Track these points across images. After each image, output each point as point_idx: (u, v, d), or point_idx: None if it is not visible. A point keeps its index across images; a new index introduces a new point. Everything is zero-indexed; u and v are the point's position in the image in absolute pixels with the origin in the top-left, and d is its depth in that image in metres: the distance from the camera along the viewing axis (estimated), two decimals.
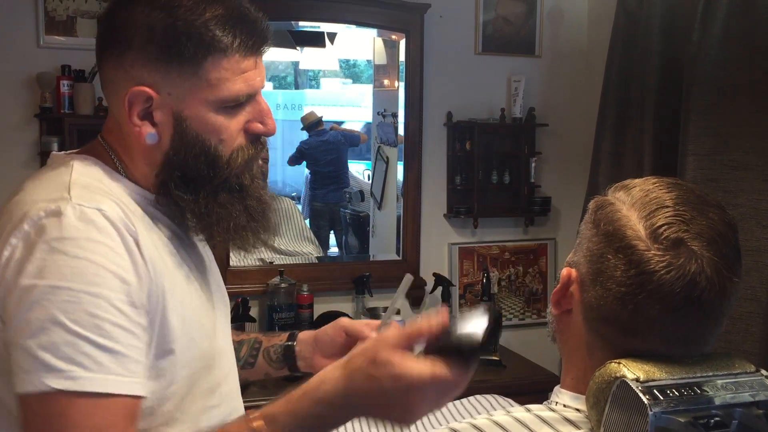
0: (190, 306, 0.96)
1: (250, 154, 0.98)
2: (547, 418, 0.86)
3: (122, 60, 0.92)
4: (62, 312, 0.80)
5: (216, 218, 0.96)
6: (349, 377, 0.82)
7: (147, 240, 0.90)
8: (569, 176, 3.10)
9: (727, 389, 0.79)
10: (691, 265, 0.77)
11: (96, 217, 0.85)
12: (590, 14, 3.12)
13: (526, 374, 2.64)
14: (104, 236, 0.84)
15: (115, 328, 0.82)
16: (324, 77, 5.06)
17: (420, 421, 2.05)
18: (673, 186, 0.84)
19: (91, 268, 0.82)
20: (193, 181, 0.95)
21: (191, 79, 0.90)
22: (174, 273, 0.95)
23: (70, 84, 2.48)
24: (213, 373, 1.00)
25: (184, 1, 0.90)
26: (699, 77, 2.19)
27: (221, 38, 0.90)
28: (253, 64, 0.94)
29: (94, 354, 0.81)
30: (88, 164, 0.95)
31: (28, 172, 2.48)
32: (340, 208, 4.02)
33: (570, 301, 0.88)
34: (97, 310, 0.81)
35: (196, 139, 0.93)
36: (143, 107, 0.92)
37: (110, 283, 0.83)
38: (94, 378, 0.80)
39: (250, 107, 0.96)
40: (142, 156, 0.96)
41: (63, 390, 0.79)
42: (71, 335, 0.80)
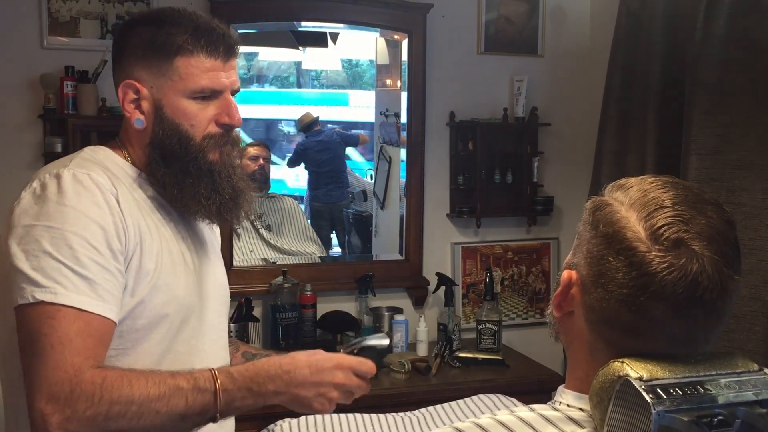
0: (169, 261, 1.18)
1: (219, 140, 1.21)
2: (551, 418, 0.86)
3: (122, 63, 1.21)
4: (51, 245, 1.04)
5: (182, 186, 1.19)
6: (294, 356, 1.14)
7: (128, 201, 1.14)
8: (572, 176, 3.10)
9: (731, 388, 0.79)
10: (693, 265, 0.77)
11: (84, 179, 1.10)
12: (593, 14, 3.12)
13: (530, 374, 2.64)
14: (88, 193, 1.09)
15: (91, 262, 1.06)
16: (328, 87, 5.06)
17: (424, 420, 2.04)
18: (670, 185, 0.84)
19: (74, 214, 1.07)
20: (169, 158, 1.19)
21: (167, 73, 1.17)
22: (155, 232, 1.17)
23: (73, 85, 2.48)
24: (189, 324, 1.21)
25: (168, 19, 1.18)
26: (701, 77, 2.19)
27: (190, 42, 1.17)
28: (220, 65, 1.19)
29: (73, 279, 1.04)
30: (98, 149, 1.22)
31: (33, 173, 2.50)
32: (343, 207, 4.02)
33: (571, 303, 0.88)
34: (77, 246, 1.05)
35: (170, 122, 1.18)
36: (134, 98, 1.19)
37: (89, 227, 1.07)
38: (70, 296, 1.03)
39: (218, 102, 1.20)
40: (137, 140, 1.22)
41: (45, 301, 1.02)
42: (56, 262, 1.03)
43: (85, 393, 0.99)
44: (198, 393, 1.05)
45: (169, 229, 1.21)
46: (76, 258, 1.04)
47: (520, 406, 0.91)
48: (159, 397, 1.03)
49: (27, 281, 1.02)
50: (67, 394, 0.99)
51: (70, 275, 1.03)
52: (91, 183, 1.10)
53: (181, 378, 1.06)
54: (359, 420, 2.02)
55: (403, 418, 2.08)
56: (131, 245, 1.12)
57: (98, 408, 1.00)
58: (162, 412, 1.03)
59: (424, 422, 2.04)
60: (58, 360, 1.00)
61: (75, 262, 1.04)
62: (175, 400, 1.04)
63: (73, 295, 1.03)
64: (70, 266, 1.03)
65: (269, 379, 1.10)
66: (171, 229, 1.22)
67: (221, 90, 1.20)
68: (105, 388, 1.00)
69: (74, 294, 1.03)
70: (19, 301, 1.02)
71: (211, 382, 1.07)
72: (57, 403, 0.98)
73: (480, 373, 2.58)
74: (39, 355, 1.01)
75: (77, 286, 1.03)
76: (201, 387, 1.06)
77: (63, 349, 1.00)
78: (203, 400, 1.06)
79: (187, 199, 1.20)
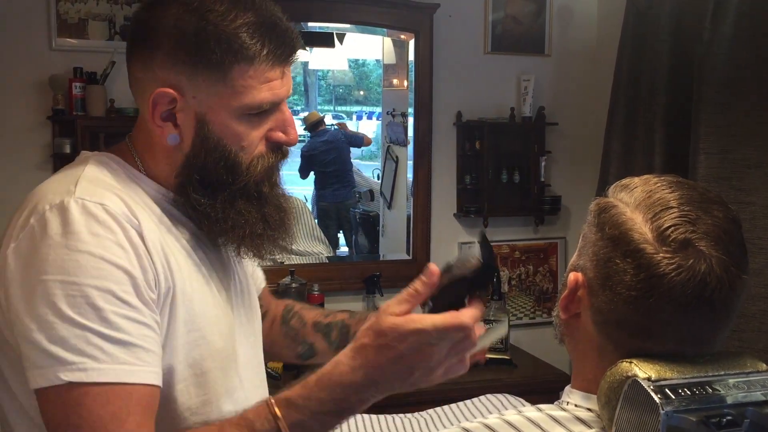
0: (202, 302, 0.96)
1: (271, 162, 0.98)
2: (558, 418, 0.86)
3: (151, 60, 0.92)
4: (69, 306, 0.81)
5: (231, 224, 0.96)
6: (362, 355, 0.84)
7: (153, 233, 0.90)
8: (579, 175, 3.09)
9: (739, 388, 0.78)
10: (701, 266, 0.77)
11: (98, 212, 0.85)
12: (600, 13, 3.11)
13: (537, 373, 2.63)
14: (105, 230, 0.85)
15: (122, 320, 0.83)
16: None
17: (432, 420, 2.04)
18: (675, 185, 0.83)
19: (92, 261, 0.83)
20: (211, 186, 0.95)
21: (216, 84, 0.91)
22: (185, 269, 0.94)
23: (82, 86, 2.50)
24: (229, 375, 1.00)
25: (217, 5, 0.90)
26: (709, 76, 2.18)
27: (250, 46, 0.90)
28: (280, 73, 0.94)
29: (103, 345, 0.81)
30: (105, 161, 0.96)
31: (42, 174, 2.53)
32: (349, 207, 4.03)
33: (578, 305, 0.88)
34: (102, 302, 0.82)
35: (217, 143, 0.93)
36: (167, 108, 0.93)
37: (114, 275, 0.84)
38: (104, 368, 0.81)
39: (273, 116, 0.96)
40: (163, 156, 0.97)
41: (75, 382, 0.80)
42: (79, 328, 0.81)
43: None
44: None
45: (197, 257, 0.98)
46: (103, 319, 0.81)
47: (528, 406, 0.91)
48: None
49: (45, 358, 0.80)
50: None
51: (100, 342, 0.81)
52: (107, 217, 0.85)
53: (233, 428, 0.85)
54: (366, 421, 2.02)
55: (411, 419, 2.08)
56: (162, 292, 0.89)
57: None
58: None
59: (431, 423, 2.04)
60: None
61: (104, 324, 0.81)
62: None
63: (108, 367, 0.81)
64: (97, 330, 0.81)
65: (348, 392, 0.85)
66: (200, 256, 0.99)
67: (279, 102, 0.96)
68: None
69: (108, 365, 0.81)
70: (39, 384, 0.81)
71: (272, 422, 0.84)
72: None
73: (487, 373, 2.58)
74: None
75: (111, 355, 0.81)
76: (260, 431, 0.84)
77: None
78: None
79: (236, 237, 0.97)
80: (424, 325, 0.82)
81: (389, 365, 0.83)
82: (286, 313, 1.28)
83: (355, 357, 0.85)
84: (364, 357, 0.84)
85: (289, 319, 1.26)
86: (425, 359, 0.84)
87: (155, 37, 0.91)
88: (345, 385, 0.84)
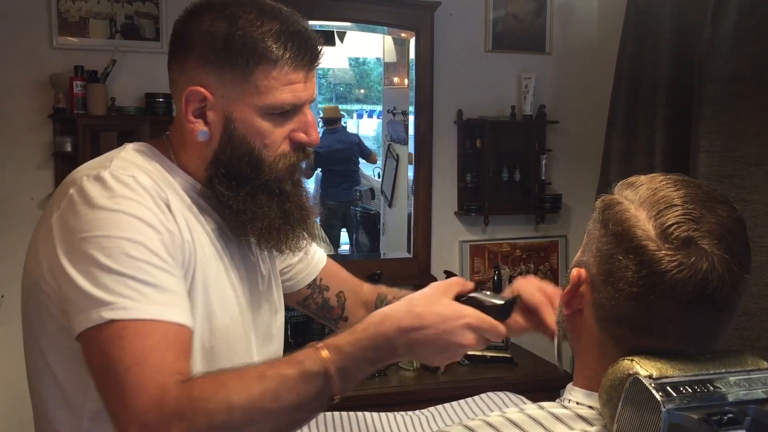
0: (218, 283, 1.03)
1: (293, 160, 1.06)
2: (560, 415, 0.86)
3: (185, 63, 1.02)
4: (106, 257, 0.90)
5: (251, 216, 1.04)
6: (415, 312, 0.94)
7: (180, 211, 0.99)
8: (580, 173, 3.09)
9: (740, 386, 0.78)
10: (703, 264, 0.77)
11: (129, 181, 0.95)
12: (600, 11, 3.11)
13: (538, 371, 2.64)
14: (137, 195, 0.95)
15: (154, 269, 0.92)
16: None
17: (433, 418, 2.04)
18: (680, 183, 0.83)
19: (126, 219, 0.92)
20: (236, 180, 1.03)
21: (242, 84, 0.99)
22: (207, 251, 1.02)
23: (83, 85, 2.50)
24: (237, 355, 1.05)
25: (246, 14, 0.99)
26: (710, 74, 2.18)
27: (274, 50, 0.99)
28: (302, 77, 1.02)
29: (139, 288, 0.90)
30: (142, 149, 1.05)
31: (43, 172, 2.54)
32: (350, 206, 4.03)
33: (580, 300, 0.88)
34: (135, 252, 0.91)
35: (242, 140, 1.02)
36: (198, 106, 1.01)
37: (146, 232, 0.93)
38: (142, 307, 0.89)
39: (296, 118, 1.04)
40: (195, 151, 1.05)
41: (116, 319, 0.88)
42: (117, 275, 0.89)
43: (177, 412, 0.85)
44: (308, 379, 0.89)
45: (219, 246, 1.06)
46: (137, 267, 0.90)
47: (530, 404, 0.91)
48: (264, 394, 0.88)
49: (89, 302, 0.88)
50: (158, 419, 0.85)
51: (136, 285, 0.89)
52: (137, 185, 0.95)
53: (283, 365, 0.90)
54: (368, 418, 2.02)
55: (412, 417, 2.08)
56: (185, 259, 0.98)
57: (197, 424, 0.85)
58: (273, 409, 0.88)
59: (432, 421, 2.04)
60: (138, 384, 0.85)
61: (137, 270, 0.90)
62: (283, 393, 0.88)
63: (144, 306, 0.89)
64: (133, 275, 0.89)
65: (387, 346, 0.92)
66: (222, 246, 1.06)
67: (301, 105, 1.04)
68: (197, 400, 0.86)
69: (145, 305, 0.89)
70: (84, 326, 0.88)
71: (320, 363, 0.90)
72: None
73: (488, 371, 2.58)
74: (116, 383, 0.87)
75: (147, 296, 0.89)
76: (309, 371, 0.89)
77: (141, 370, 0.86)
78: (317, 385, 0.89)
79: (255, 229, 1.04)
80: (476, 315, 0.95)
81: (431, 333, 0.93)
82: (380, 302, 1.35)
83: (404, 317, 0.93)
84: (416, 319, 0.93)
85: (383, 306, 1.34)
86: (461, 346, 0.94)
87: (189, 41, 1.01)
88: (387, 338, 0.92)
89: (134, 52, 2.59)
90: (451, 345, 0.94)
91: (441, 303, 0.95)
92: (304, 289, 1.33)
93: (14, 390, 2.51)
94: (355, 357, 0.91)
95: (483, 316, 0.95)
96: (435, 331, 0.93)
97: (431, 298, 0.96)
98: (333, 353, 0.90)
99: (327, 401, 0.92)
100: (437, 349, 0.94)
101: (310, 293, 1.35)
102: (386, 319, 0.93)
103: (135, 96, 2.58)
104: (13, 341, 2.55)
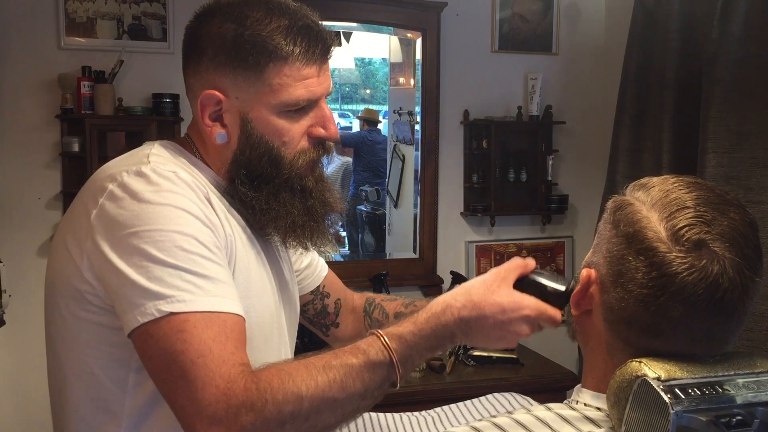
0: (256, 273, 1.04)
1: (312, 156, 1.05)
2: (568, 417, 0.86)
3: (199, 67, 1.01)
4: (159, 250, 0.89)
5: (275, 215, 1.04)
6: (475, 302, 0.95)
7: (218, 205, 0.99)
8: (586, 174, 3.08)
9: (749, 388, 0.78)
10: (714, 267, 0.77)
11: (171, 176, 0.95)
12: (607, 11, 3.10)
13: (545, 372, 2.63)
14: (181, 189, 0.94)
15: (206, 261, 0.91)
16: None
17: (439, 419, 2.03)
18: (692, 186, 0.83)
19: (175, 212, 0.92)
20: (257, 179, 1.03)
21: (255, 84, 0.99)
22: (244, 243, 1.03)
23: (90, 85, 2.51)
24: (271, 347, 1.07)
25: (254, 13, 0.98)
26: (718, 74, 2.17)
27: (283, 47, 0.98)
28: (315, 71, 1.01)
29: (195, 280, 0.89)
30: (169, 146, 1.06)
31: (50, 172, 2.55)
32: (357, 206, 4.04)
33: (590, 301, 0.88)
34: (187, 245, 0.90)
35: (260, 140, 1.01)
36: (214, 109, 1.01)
37: (194, 224, 0.93)
38: (200, 299, 0.88)
39: (312, 113, 1.03)
40: (215, 153, 1.06)
41: (176, 312, 0.87)
42: (171, 268, 0.88)
43: (246, 403, 0.84)
44: (373, 368, 0.91)
45: (250, 242, 1.06)
46: (191, 259, 0.90)
47: (537, 405, 0.91)
48: (330, 384, 0.88)
49: (145, 296, 0.87)
50: (226, 410, 0.84)
51: (191, 278, 0.89)
52: (179, 180, 0.95)
53: (347, 355, 0.91)
54: (373, 418, 2.02)
55: (418, 417, 2.08)
56: (228, 249, 0.98)
57: (266, 415, 0.85)
58: (340, 398, 0.89)
59: (438, 421, 2.04)
60: (204, 376, 0.85)
61: (191, 263, 0.89)
62: (349, 382, 0.89)
63: (202, 299, 0.89)
64: (188, 269, 0.89)
65: (447, 335, 0.95)
66: (252, 242, 1.07)
67: (317, 99, 1.03)
68: (265, 390, 0.86)
69: (202, 297, 0.89)
70: (140, 320, 0.87)
71: (385, 352, 0.91)
72: (220, 424, 0.84)
73: (495, 372, 2.58)
74: (181, 378, 0.86)
75: (203, 288, 0.89)
76: (374, 360, 0.91)
77: (206, 362, 0.85)
78: (381, 374, 0.91)
79: (280, 228, 1.05)
80: (536, 306, 0.96)
81: (490, 322, 0.95)
82: (368, 306, 1.35)
83: (465, 307, 0.95)
84: (477, 309, 0.94)
85: (372, 311, 1.34)
86: (518, 335, 0.96)
87: (201, 46, 1.00)
88: (447, 327, 0.94)
89: (141, 53, 2.60)
90: (507, 334, 0.96)
91: (500, 292, 0.96)
92: (307, 294, 1.34)
93: (22, 388, 2.52)
94: (417, 346, 0.93)
95: (541, 307, 0.96)
96: (493, 321, 0.94)
97: (492, 286, 0.96)
98: (396, 342, 0.92)
99: (389, 387, 0.94)
100: (494, 337, 0.96)
101: (312, 299, 1.35)
102: (448, 308, 0.95)
103: (142, 96, 2.58)
104: (20, 339, 2.57)
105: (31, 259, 2.46)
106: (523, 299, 0.95)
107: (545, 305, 0.96)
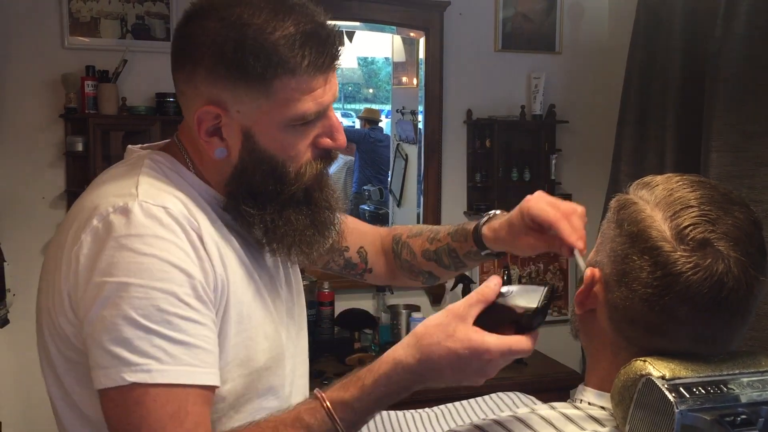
0: (251, 305, 0.97)
1: (318, 168, 0.98)
2: (571, 416, 0.86)
3: (193, 75, 0.92)
4: (133, 308, 0.83)
5: (281, 233, 0.98)
6: (428, 354, 0.85)
7: (211, 236, 0.92)
8: (590, 173, 3.08)
9: (754, 387, 0.78)
10: (718, 266, 0.77)
11: (161, 215, 0.87)
12: (611, 10, 3.10)
13: (548, 371, 2.63)
14: (169, 233, 0.87)
15: (184, 321, 0.85)
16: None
17: (443, 416, 2.03)
18: (696, 184, 0.83)
19: (157, 264, 0.84)
20: (260, 196, 0.96)
21: (259, 98, 0.90)
22: (237, 272, 0.96)
23: (94, 84, 2.51)
24: (276, 374, 1.02)
25: (255, 18, 0.89)
26: (722, 73, 2.17)
27: (290, 58, 0.89)
28: (323, 81, 0.93)
29: (166, 347, 0.83)
30: (160, 161, 0.97)
31: (54, 171, 2.55)
32: (360, 205, 4.04)
33: (594, 301, 0.88)
34: (165, 305, 0.84)
35: (264, 155, 0.94)
36: (212, 124, 0.93)
37: (176, 278, 0.85)
38: (167, 370, 0.83)
39: (320, 122, 0.96)
40: (212, 166, 0.98)
41: (138, 383, 0.82)
42: (143, 331, 0.83)
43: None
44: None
45: (248, 260, 1.00)
46: (167, 321, 0.83)
47: (540, 404, 0.91)
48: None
49: (110, 359, 0.83)
50: None
51: (163, 344, 0.83)
52: (170, 220, 0.87)
53: (288, 429, 0.87)
54: (376, 417, 2.01)
55: (421, 414, 2.08)
56: (219, 293, 0.91)
57: None
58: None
59: (442, 418, 2.04)
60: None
61: (167, 326, 0.83)
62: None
63: (169, 368, 0.83)
64: (163, 333, 0.83)
65: (402, 389, 0.88)
66: (250, 260, 1.00)
67: (325, 110, 0.95)
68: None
69: (169, 366, 0.83)
70: (103, 383, 0.83)
71: (329, 423, 0.86)
72: None
73: (498, 371, 2.58)
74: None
75: (173, 356, 0.83)
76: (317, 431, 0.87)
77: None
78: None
79: (285, 245, 0.99)
80: (499, 349, 0.85)
81: (449, 369, 0.86)
82: (396, 246, 1.31)
83: (418, 359, 0.86)
84: (428, 358, 0.85)
85: (400, 252, 1.31)
86: (485, 369, 0.86)
87: (195, 53, 0.91)
88: (401, 384, 0.87)
89: (145, 52, 2.60)
90: (470, 378, 0.87)
91: (456, 337, 0.85)
92: (323, 256, 1.27)
93: (26, 387, 2.53)
94: (366, 409, 0.87)
95: (503, 346, 0.85)
96: (451, 371, 0.85)
97: (447, 329, 0.86)
98: (341, 411, 0.87)
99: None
100: (456, 382, 0.88)
101: (330, 258, 1.31)
102: (398, 365, 0.86)
103: (145, 96, 2.59)
104: (24, 340, 2.57)
105: (36, 259, 2.47)
106: (483, 342, 0.84)
107: (510, 341, 0.85)
